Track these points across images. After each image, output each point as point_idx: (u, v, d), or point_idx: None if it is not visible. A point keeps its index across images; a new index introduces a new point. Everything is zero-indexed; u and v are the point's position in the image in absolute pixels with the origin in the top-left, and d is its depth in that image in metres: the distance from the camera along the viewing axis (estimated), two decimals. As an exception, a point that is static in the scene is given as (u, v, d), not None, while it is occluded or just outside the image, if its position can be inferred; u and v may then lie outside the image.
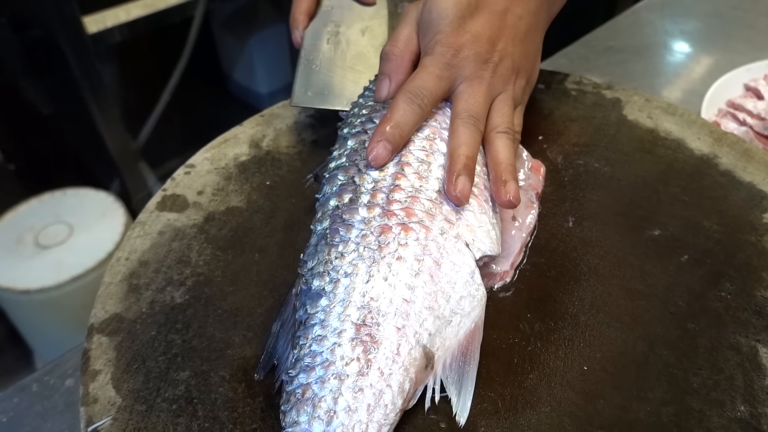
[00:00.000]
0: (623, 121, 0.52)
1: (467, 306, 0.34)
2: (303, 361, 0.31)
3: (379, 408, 0.29)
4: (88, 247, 1.23)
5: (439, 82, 0.39)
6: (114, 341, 0.35)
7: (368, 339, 0.31)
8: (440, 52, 0.39)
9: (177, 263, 0.40)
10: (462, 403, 0.32)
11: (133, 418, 0.32)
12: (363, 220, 0.34)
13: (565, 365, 0.35)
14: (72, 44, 1.17)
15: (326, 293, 0.33)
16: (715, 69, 0.72)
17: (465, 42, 0.40)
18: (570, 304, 0.38)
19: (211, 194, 0.45)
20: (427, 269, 0.34)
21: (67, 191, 1.35)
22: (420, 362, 0.32)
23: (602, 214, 0.44)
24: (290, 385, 0.30)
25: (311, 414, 0.28)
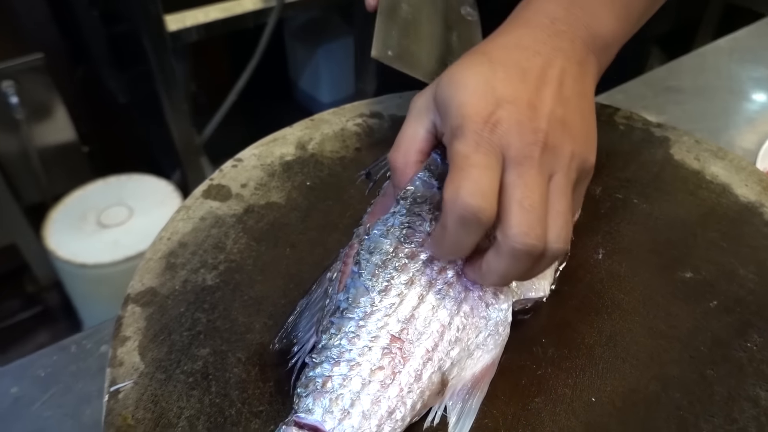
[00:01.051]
0: (669, 160, 0.51)
1: (491, 343, 0.34)
2: (330, 351, 0.31)
3: (389, 422, 0.30)
4: (144, 231, 1.30)
5: (489, 174, 0.29)
6: (146, 312, 0.38)
7: (398, 353, 0.31)
8: (473, 129, 0.30)
9: (213, 248, 0.42)
10: (460, 428, 0.32)
11: (152, 384, 0.34)
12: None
13: (573, 393, 0.35)
14: (152, 40, 1.24)
15: (375, 292, 0.33)
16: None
17: (500, 110, 0.30)
18: (587, 335, 0.38)
19: (254, 188, 0.48)
20: (470, 302, 0.34)
21: (132, 176, 1.42)
22: (435, 387, 0.32)
23: (634, 249, 0.43)
24: (312, 371, 0.31)
25: (326, 408, 0.29)
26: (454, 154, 0.30)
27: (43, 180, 1.41)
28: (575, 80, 0.34)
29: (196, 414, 0.33)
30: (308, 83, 1.85)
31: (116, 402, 0.33)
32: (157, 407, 0.33)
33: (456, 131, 0.31)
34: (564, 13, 0.35)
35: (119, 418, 0.32)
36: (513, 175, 0.30)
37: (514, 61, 0.33)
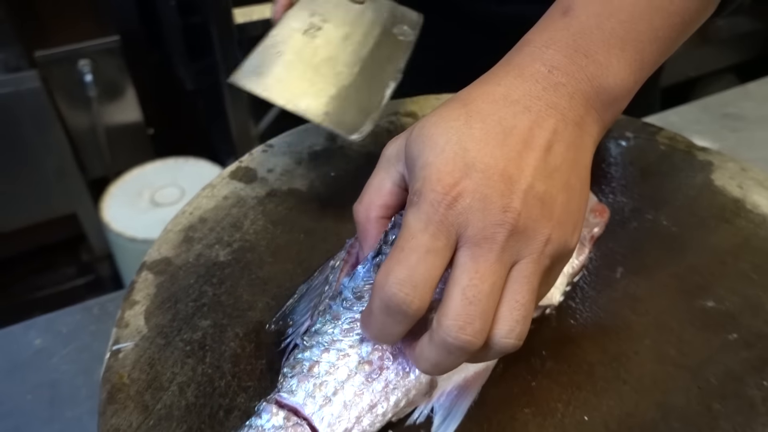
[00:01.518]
0: (708, 185, 0.49)
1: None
2: (322, 337, 0.31)
3: (369, 415, 0.30)
4: (193, 213, 1.34)
5: (430, 260, 0.26)
6: (158, 280, 0.40)
7: (388, 350, 0.31)
8: (430, 200, 0.26)
9: (230, 227, 0.44)
10: (444, 429, 0.32)
11: (151, 348, 0.35)
12: None
13: (565, 410, 0.33)
14: (220, 31, 1.29)
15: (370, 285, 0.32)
16: None
17: (465, 180, 0.26)
18: (590, 353, 0.36)
19: (279, 174, 0.49)
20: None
21: (189, 160, 1.48)
22: (423, 388, 0.32)
23: (656, 272, 0.42)
24: (301, 353, 0.31)
25: (309, 392, 0.30)
26: (404, 224, 0.27)
27: (108, 156, 1.49)
28: (568, 146, 0.28)
29: (187, 381, 0.34)
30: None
31: (116, 360, 0.35)
32: (152, 370, 0.34)
33: (413, 197, 0.27)
34: (565, 62, 0.29)
35: (116, 376, 0.34)
36: (465, 257, 0.26)
37: (496, 118, 0.27)
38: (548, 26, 0.31)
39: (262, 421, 0.29)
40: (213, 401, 0.33)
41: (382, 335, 0.28)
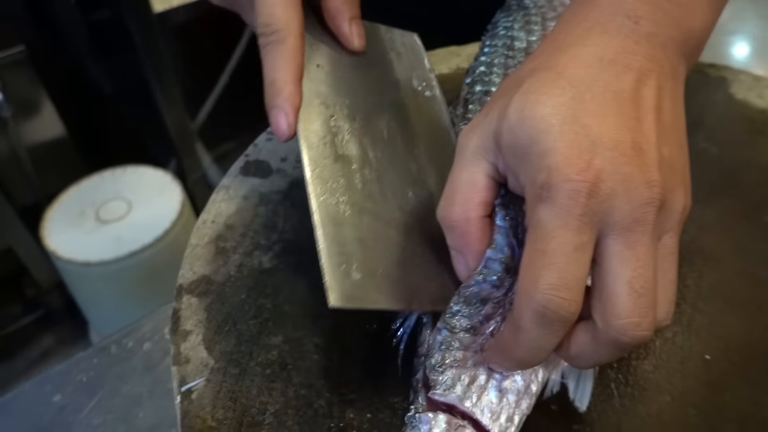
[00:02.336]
0: (731, 101, 0.48)
1: None
2: (468, 321, 0.27)
3: (526, 397, 0.27)
4: (146, 224, 1.25)
5: (579, 258, 0.23)
6: (204, 302, 0.34)
7: None
8: (567, 192, 0.22)
9: (264, 228, 0.39)
10: (581, 391, 0.29)
11: (226, 380, 0.31)
12: None
13: (684, 353, 0.32)
14: (139, 23, 1.18)
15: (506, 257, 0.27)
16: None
17: (598, 160, 0.23)
18: (685, 289, 0.35)
19: (295, 161, 0.44)
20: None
21: (127, 168, 1.37)
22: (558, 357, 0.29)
23: (713, 196, 0.41)
24: (446, 343, 0.27)
25: (465, 385, 0.26)
26: (536, 224, 0.23)
27: (35, 179, 1.36)
28: (672, 100, 0.26)
29: (282, 408, 0.29)
30: (298, 60, 1.79)
31: (190, 403, 0.30)
32: (237, 405, 0.30)
33: (542, 191, 0.23)
34: (649, 9, 0.26)
35: (198, 420, 0.29)
36: (618, 245, 0.23)
37: (602, 84, 0.24)
38: None
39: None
40: (320, 425, 0.29)
41: (535, 352, 0.24)
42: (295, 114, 0.31)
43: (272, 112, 0.31)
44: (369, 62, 0.37)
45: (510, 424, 0.26)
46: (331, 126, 0.33)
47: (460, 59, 0.53)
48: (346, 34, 0.35)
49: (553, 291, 0.22)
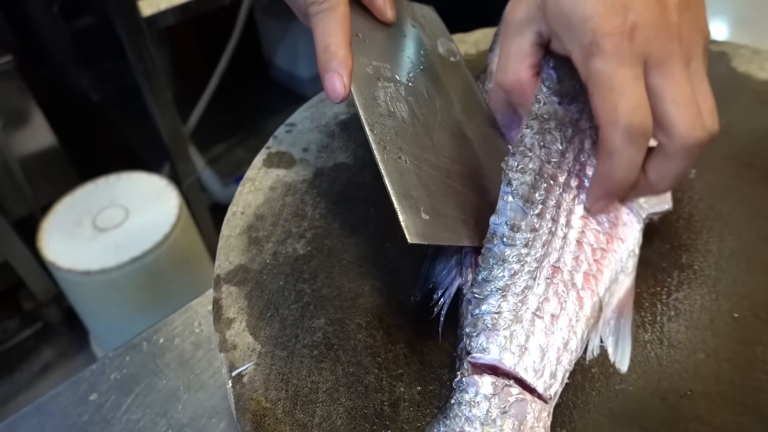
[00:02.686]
0: (733, 74, 0.50)
1: (630, 266, 0.33)
2: (494, 284, 0.29)
3: (566, 353, 0.28)
4: (145, 229, 1.25)
5: (639, 85, 0.28)
6: (243, 290, 0.35)
7: (560, 283, 0.30)
8: (612, 44, 0.27)
9: (293, 216, 0.39)
10: (621, 352, 0.31)
11: (275, 363, 0.31)
12: (570, 158, 0.33)
13: (713, 313, 0.33)
14: (128, 27, 1.17)
15: (533, 216, 0.31)
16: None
17: (631, 14, 0.28)
18: (707, 253, 0.36)
19: (317, 151, 0.45)
20: (610, 223, 0.33)
21: (121, 175, 1.36)
22: (595, 314, 0.31)
23: (725, 166, 0.42)
24: (477, 308, 0.29)
25: (501, 345, 0.27)
26: (596, 75, 0.28)
27: (28, 191, 1.34)
28: None
29: (333, 386, 0.30)
30: (285, 60, 1.79)
31: (243, 387, 0.30)
32: (289, 385, 0.30)
33: (591, 48, 0.28)
34: None
35: (252, 403, 0.30)
36: (658, 77, 0.28)
37: None
38: None
39: (470, 395, 0.26)
40: (371, 399, 0.30)
41: (631, 168, 0.29)
42: (349, 76, 0.34)
43: (327, 75, 0.34)
44: (399, 32, 0.41)
45: (554, 380, 0.27)
46: (378, 87, 0.36)
47: (467, 45, 0.54)
48: (380, 7, 0.39)
49: (632, 111, 0.28)
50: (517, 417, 0.26)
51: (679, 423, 0.28)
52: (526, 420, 0.26)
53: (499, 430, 0.25)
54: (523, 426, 0.26)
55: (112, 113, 1.59)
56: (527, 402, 0.26)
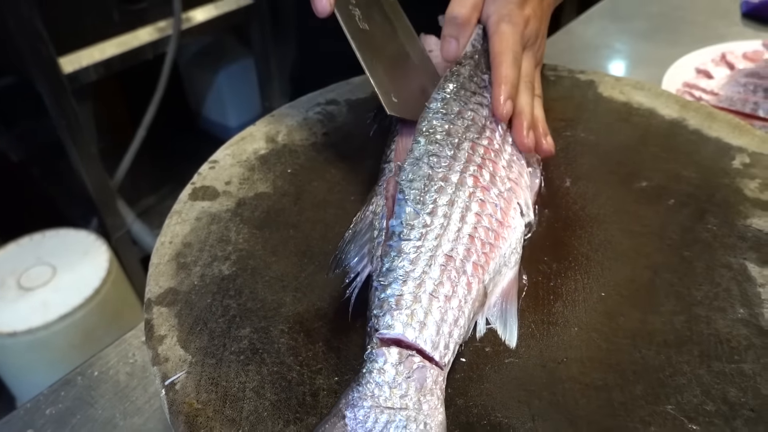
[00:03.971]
0: (599, 98, 0.58)
1: (513, 260, 0.39)
2: (396, 272, 0.34)
3: (456, 329, 0.33)
4: (74, 286, 1.22)
5: (521, 41, 0.48)
6: (173, 310, 0.38)
7: (453, 270, 0.35)
8: (518, 22, 0.48)
9: (219, 242, 0.43)
10: (509, 332, 0.36)
11: (205, 370, 0.34)
12: (462, 162, 0.40)
13: (585, 294, 0.39)
14: (49, 85, 1.18)
15: (424, 215, 0.37)
16: (666, 59, 0.80)
17: (530, 14, 0.49)
18: (580, 246, 0.42)
19: (239, 183, 0.49)
20: (497, 220, 0.39)
21: (47, 233, 1.34)
22: (481, 298, 0.36)
23: (594, 173, 0.49)
24: (383, 293, 0.34)
25: (404, 322, 0.32)
26: (501, 32, 0.47)
27: (-55, 255, 1.29)
28: (550, 7, 0.54)
29: (259, 384, 0.34)
30: (213, 110, 1.83)
31: (175, 393, 0.33)
32: (218, 388, 0.33)
33: (505, 17, 0.48)
34: None
35: (184, 406, 0.32)
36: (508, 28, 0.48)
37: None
38: None
39: (379, 364, 0.30)
40: (294, 391, 0.33)
41: (515, 74, 0.46)
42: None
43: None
44: None
45: (447, 350, 0.32)
46: (350, 10, 0.50)
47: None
48: None
49: (519, 52, 0.47)
50: (418, 381, 0.30)
51: (557, 384, 0.34)
52: (426, 383, 0.30)
53: (404, 391, 0.30)
54: (423, 388, 0.30)
55: (35, 171, 1.57)
56: (427, 368, 0.31)
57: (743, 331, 0.36)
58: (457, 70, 0.47)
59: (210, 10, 1.45)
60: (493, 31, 0.47)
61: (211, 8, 1.45)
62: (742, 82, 0.66)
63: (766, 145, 0.50)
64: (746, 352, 0.35)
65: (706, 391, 0.33)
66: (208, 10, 1.45)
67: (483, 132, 0.44)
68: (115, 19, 1.28)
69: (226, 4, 1.49)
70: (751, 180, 0.47)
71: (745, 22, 0.92)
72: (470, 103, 0.45)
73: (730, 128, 0.53)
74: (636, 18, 0.96)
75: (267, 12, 1.58)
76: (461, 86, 0.46)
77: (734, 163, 0.49)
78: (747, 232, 0.43)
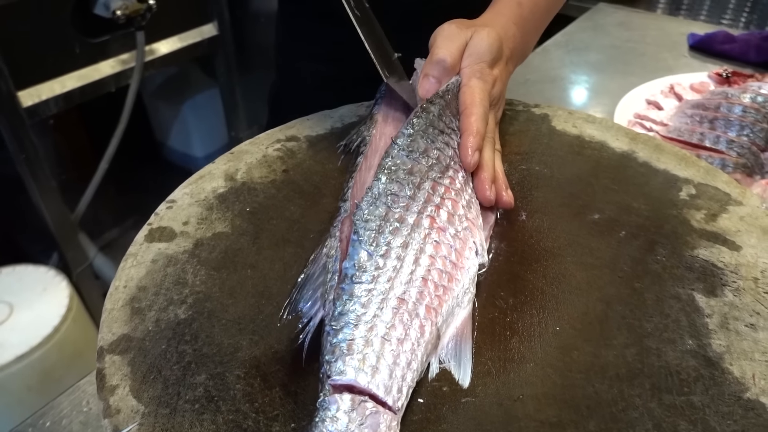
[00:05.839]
0: (553, 132, 0.60)
1: (465, 300, 0.39)
2: (347, 317, 0.34)
3: (410, 372, 0.33)
4: (32, 325, 1.19)
5: (487, 98, 0.51)
6: (126, 358, 0.37)
7: (405, 313, 0.35)
8: (488, 80, 0.51)
9: (175, 285, 0.43)
10: (463, 371, 0.36)
11: (158, 421, 0.34)
12: (420, 202, 0.41)
13: (540, 328, 0.40)
14: (7, 119, 1.16)
15: (377, 257, 0.37)
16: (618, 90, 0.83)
17: (499, 74, 0.53)
18: (535, 280, 0.43)
19: (196, 223, 0.48)
20: (451, 266, 0.39)
21: (4, 269, 1.30)
22: (433, 340, 0.36)
23: (549, 206, 0.50)
24: (335, 338, 0.33)
25: (356, 367, 0.32)
26: (472, 86, 0.50)
27: None
28: (510, 73, 0.57)
29: (214, 434, 0.33)
30: (178, 141, 1.81)
31: (126, 446, 0.32)
32: (171, 439, 0.33)
33: (477, 73, 0.51)
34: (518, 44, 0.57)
35: (136, 460, 0.32)
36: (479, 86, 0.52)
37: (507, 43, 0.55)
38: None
39: (332, 412, 0.30)
40: (250, 441, 0.33)
41: (482, 128, 0.49)
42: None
43: None
44: None
45: (400, 394, 0.32)
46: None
47: (333, 120, 0.61)
48: None
49: (486, 108, 0.50)
50: (371, 427, 0.30)
51: (513, 422, 0.34)
52: (380, 428, 0.30)
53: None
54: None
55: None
56: (380, 413, 0.31)
57: (692, 363, 0.37)
58: (427, 107, 0.48)
59: (174, 42, 1.45)
60: (465, 83, 0.50)
61: (175, 40, 1.45)
62: (689, 113, 0.69)
63: (710, 176, 0.52)
64: (695, 384, 0.36)
65: (658, 424, 0.33)
66: (172, 42, 1.45)
67: (446, 171, 0.45)
68: (76, 52, 1.26)
69: (190, 36, 1.49)
70: (697, 211, 0.49)
71: (692, 54, 0.96)
72: (437, 141, 0.46)
73: (677, 160, 0.55)
74: (590, 50, 0.99)
75: (231, 42, 1.59)
76: (430, 124, 0.46)
77: (681, 194, 0.51)
78: (694, 263, 0.44)
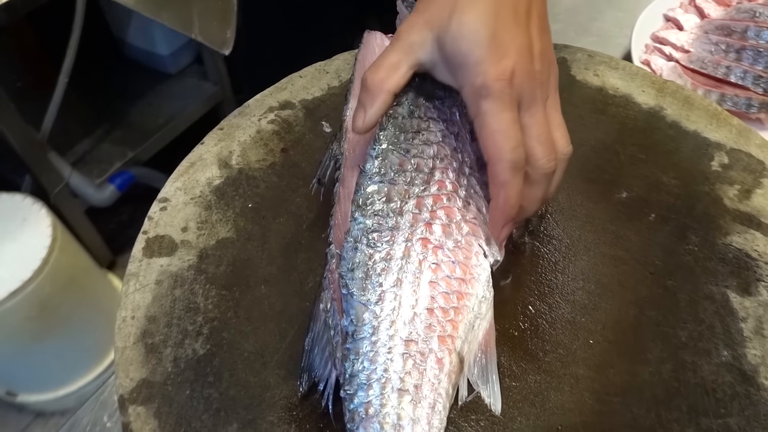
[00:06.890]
0: (573, 82, 0.54)
1: (484, 309, 0.37)
2: (358, 378, 0.33)
3: (435, 415, 0.32)
4: (18, 259, 1.16)
5: (517, 127, 0.34)
6: (151, 409, 0.36)
7: (417, 354, 0.33)
8: (499, 89, 0.33)
9: (186, 312, 0.40)
10: (492, 392, 0.35)
11: (198, 482, 0.33)
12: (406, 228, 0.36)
13: (573, 342, 0.39)
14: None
15: (372, 304, 0.34)
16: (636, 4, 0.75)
17: (513, 64, 0.34)
18: (564, 281, 0.41)
19: (196, 228, 0.44)
20: (458, 282, 0.36)
21: (-27, 201, 1.24)
22: (456, 367, 0.35)
23: (571, 181, 0.47)
24: (351, 403, 0.32)
25: (379, 431, 0.31)
26: (483, 113, 0.34)
27: None
28: (544, 14, 0.38)
29: (257, 495, 0.33)
30: (139, 38, 1.65)
31: None
32: (215, 504, 0.32)
33: (481, 91, 0.34)
34: None
35: None
36: (526, 117, 0.35)
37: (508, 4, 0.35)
38: None
39: None
40: (295, 500, 0.33)
41: (519, 194, 0.35)
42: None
43: None
44: None
45: None
46: None
47: (329, 76, 0.55)
48: None
49: (515, 150, 0.34)
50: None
51: (554, 459, 0.34)
52: None
53: None
54: None
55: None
56: None
57: (728, 378, 0.37)
58: (393, 112, 0.39)
59: (119, -71, 1.26)
60: (475, 114, 0.35)
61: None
62: (713, 40, 0.63)
63: (743, 138, 0.49)
64: (731, 404, 0.36)
65: (696, 452, 0.34)
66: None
67: (431, 177, 0.38)
68: (7, -50, 1.09)
69: None
70: (730, 186, 0.46)
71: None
72: (413, 147, 0.38)
73: (708, 118, 0.51)
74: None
75: None
76: (400, 130, 0.38)
77: (713, 164, 0.48)
78: (728, 253, 0.43)
